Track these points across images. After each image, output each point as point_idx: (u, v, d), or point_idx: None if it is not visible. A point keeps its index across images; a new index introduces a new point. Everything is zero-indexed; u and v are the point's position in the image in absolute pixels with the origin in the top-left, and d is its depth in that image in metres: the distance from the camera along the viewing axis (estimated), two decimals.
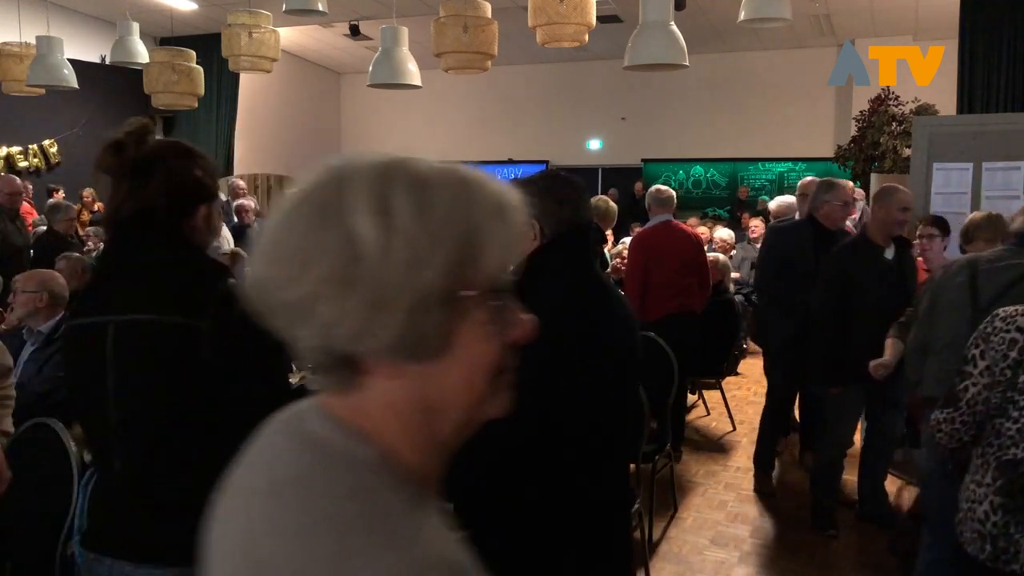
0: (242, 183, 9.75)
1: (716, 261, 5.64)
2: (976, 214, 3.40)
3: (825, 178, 4.30)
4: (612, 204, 5.18)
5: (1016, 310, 2.00)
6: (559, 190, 1.79)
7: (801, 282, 3.94)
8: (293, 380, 3.73)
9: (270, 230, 0.68)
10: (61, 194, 8.94)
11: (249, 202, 8.08)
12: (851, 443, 3.90)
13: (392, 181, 0.67)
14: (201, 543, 0.73)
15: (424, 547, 0.62)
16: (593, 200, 4.90)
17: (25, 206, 6.99)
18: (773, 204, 5.60)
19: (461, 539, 0.70)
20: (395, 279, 0.64)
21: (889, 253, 3.71)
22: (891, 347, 3.34)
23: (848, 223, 4.61)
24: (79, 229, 6.78)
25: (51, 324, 3.37)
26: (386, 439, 0.68)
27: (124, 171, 1.56)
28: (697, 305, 4.74)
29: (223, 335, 1.50)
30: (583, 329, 1.68)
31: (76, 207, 6.60)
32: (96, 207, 9.00)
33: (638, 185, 12.31)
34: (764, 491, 4.37)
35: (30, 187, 7.82)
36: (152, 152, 1.57)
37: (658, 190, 4.82)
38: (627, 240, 6.52)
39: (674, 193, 4.91)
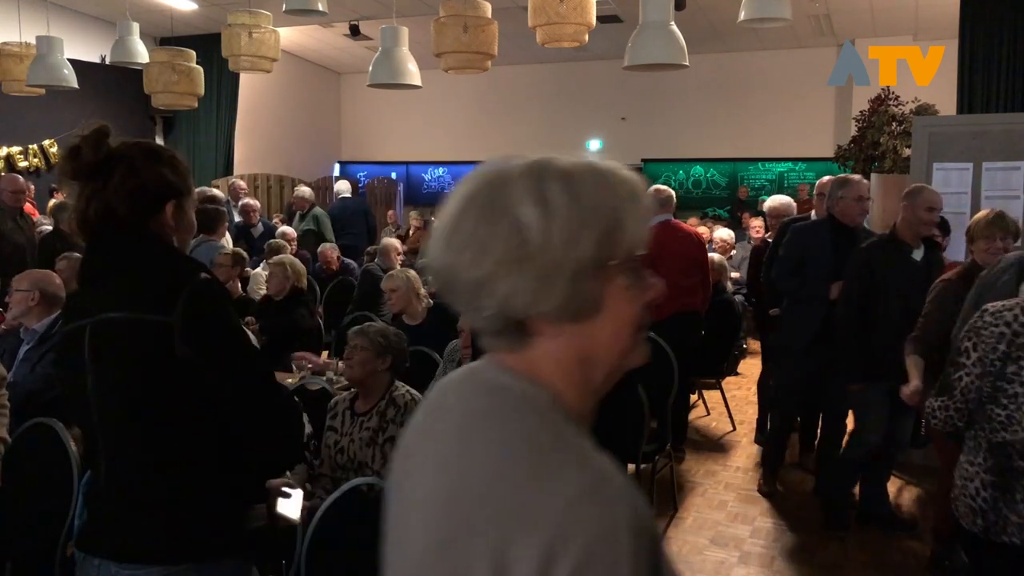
0: (243, 183, 9.74)
1: (712, 261, 5.66)
2: (979, 214, 3.34)
3: (840, 175, 4.29)
4: None
5: (1003, 305, 2.21)
6: None
7: (822, 278, 3.94)
8: (292, 380, 3.73)
9: (446, 225, 0.83)
10: (63, 193, 8.94)
11: (255, 202, 8.08)
12: (878, 444, 3.78)
13: (544, 177, 0.82)
14: (386, 498, 0.89)
15: (600, 463, 0.76)
16: None
17: (28, 206, 6.99)
18: (769, 203, 5.55)
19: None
20: (557, 256, 0.79)
21: (918, 254, 3.66)
22: (914, 367, 3.17)
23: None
24: None
25: (45, 323, 3.38)
26: (553, 385, 0.83)
27: (84, 175, 1.57)
28: (699, 304, 4.75)
29: (193, 330, 1.50)
30: None
31: None
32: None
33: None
34: (769, 491, 4.36)
35: (32, 187, 7.81)
36: (110, 154, 1.58)
37: (658, 190, 4.81)
38: None
39: (673, 193, 4.91)
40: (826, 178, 4.73)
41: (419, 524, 0.81)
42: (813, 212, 4.85)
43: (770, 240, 4.99)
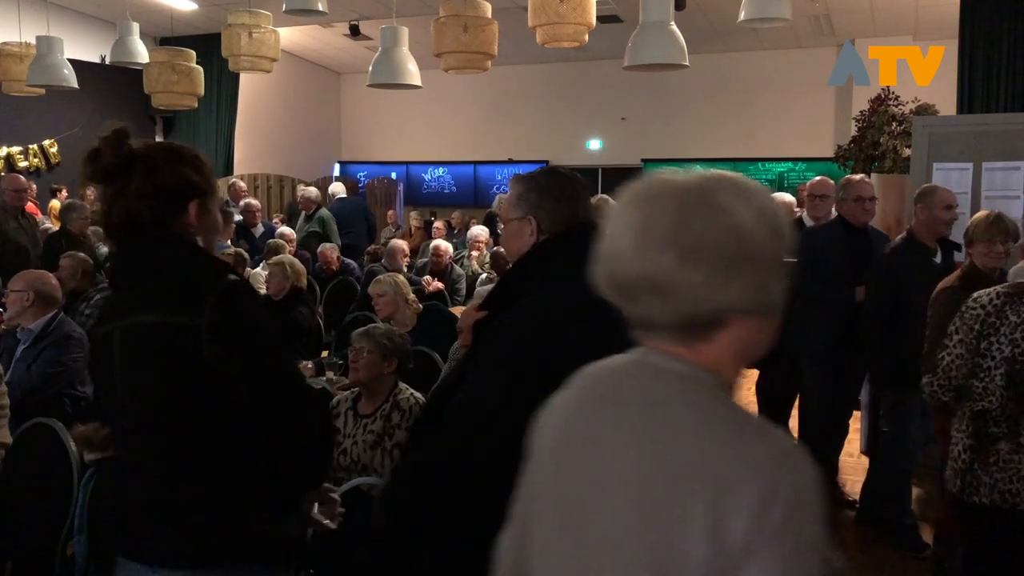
0: (242, 184, 9.73)
1: None
2: (978, 215, 3.28)
3: (844, 177, 4.28)
4: (612, 202, 5.09)
5: (984, 292, 2.50)
6: (558, 187, 1.74)
7: (838, 280, 3.91)
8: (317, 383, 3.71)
9: (634, 229, 0.92)
10: (64, 194, 8.94)
11: (256, 202, 8.07)
12: (919, 453, 3.71)
13: (737, 185, 0.93)
14: (558, 493, 0.97)
15: (778, 433, 0.89)
16: (595, 198, 4.88)
17: (30, 205, 6.99)
18: None
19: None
20: (770, 256, 0.90)
21: (938, 256, 3.61)
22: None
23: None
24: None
25: (40, 323, 3.40)
26: (719, 372, 0.94)
27: (104, 177, 1.56)
28: None
29: (222, 333, 1.48)
30: (564, 344, 1.58)
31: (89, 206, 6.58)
32: (94, 208, 8.99)
33: None
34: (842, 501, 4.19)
35: (34, 187, 7.81)
36: (130, 155, 1.56)
37: None
38: None
39: None
40: (817, 179, 4.74)
41: (623, 497, 0.90)
42: (805, 213, 4.80)
43: None
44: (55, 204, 8.67)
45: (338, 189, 9.03)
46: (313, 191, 8.42)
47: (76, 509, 2.37)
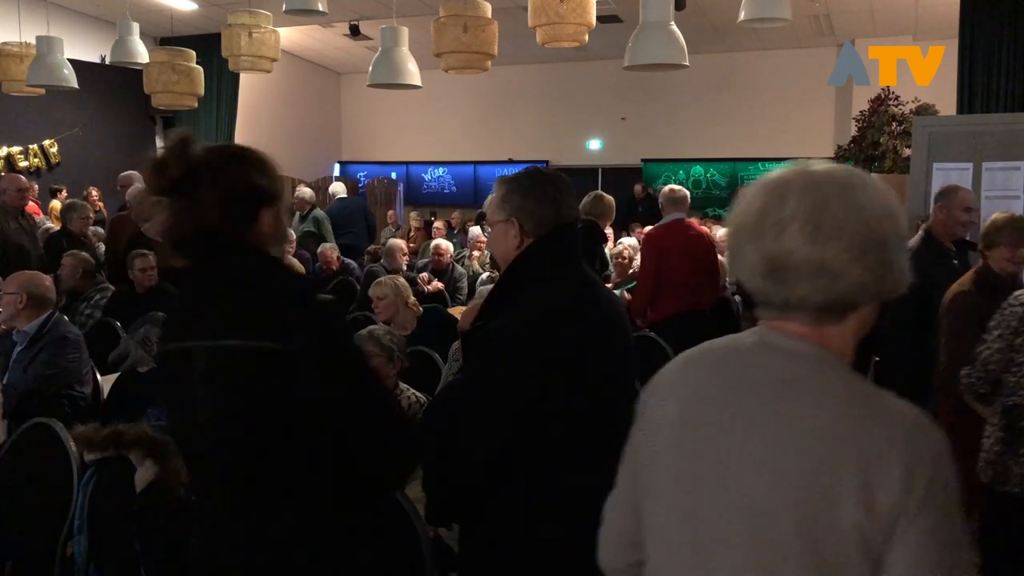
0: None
1: None
2: (997, 216, 3.12)
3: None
4: (607, 198, 4.94)
5: None
6: (541, 188, 1.72)
7: None
8: None
9: (804, 219, 0.97)
10: (64, 194, 8.94)
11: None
12: None
13: (863, 180, 1.01)
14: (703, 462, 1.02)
15: (905, 403, 0.96)
16: (590, 196, 4.87)
17: (31, 205, 6.99)
18: None
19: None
20: (901, 244, 1.00)
21: (956, 258, 3.54)
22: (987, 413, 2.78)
23: None
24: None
25: (35, 324, 3.38)
26: (842, 351, 1.02)
27: (172, 190, 1.45)
28: (706, 304, 4.77)
29: (322, 360, 1.41)
30: (557, 346, 1.61)
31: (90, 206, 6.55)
32: (99, 207, 8.99)
33: (637, 187, 12.32)
34: None
35: (35, 187, 7.80)
36: (197, 163, 1.45)
37: (671, 190, 4.82)
38: (626, 240, 6.51)
39: (688, 193, 4.92)
40: None
41: (767, 469, 0.96)
42: None
43: None
44: (56, 204, 8.67)
45: (338, 189, 9.03)
46: (307, 192, 8.42)
47: (76, 509, 2.37)
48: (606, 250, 5.23)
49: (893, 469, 0.90)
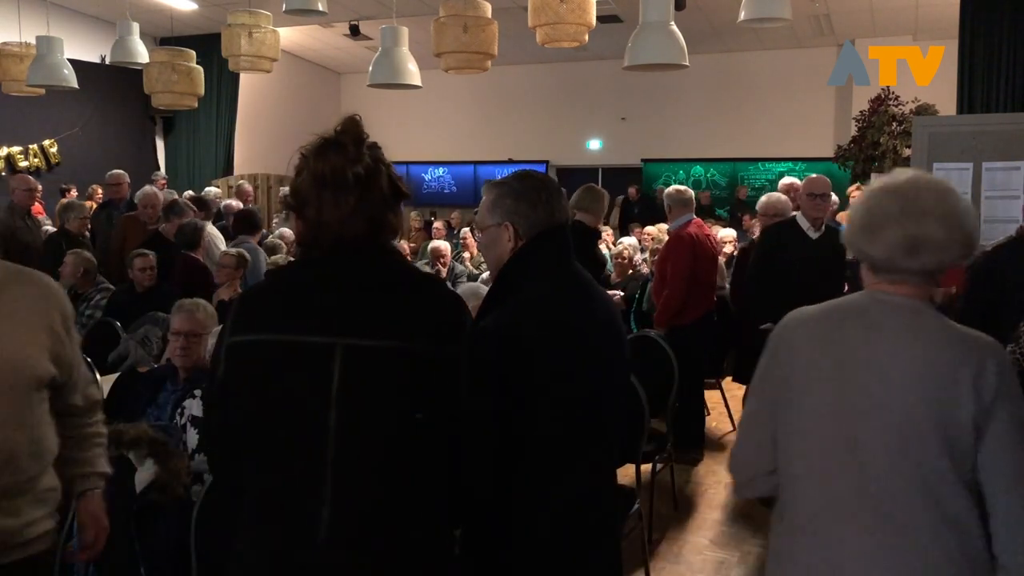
0: (248, 187, 9.60)
1: None
2: None
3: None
4: (598, 190, 4.56)
5: None
6: (534, 192, 1.73)
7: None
8: None
9: (943, 215, 1.43)
10: (74, 193, 8.93)
11: (235, 203, 7.94)
12: None
13: (948, 188, 1.50)
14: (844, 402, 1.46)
15: (972, 329, 1.46)
16: (580, 189, 4.76)
17: (36, 206, 6.99)
18: (762, 201, 5.29)
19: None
20: (976, 230, 1.46)
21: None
22: None
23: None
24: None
25: None
26: (931, 301, 1.49)
27: (349, 181, 1.35)
28: (714, 305, 4.91)
29: (478, 366, 1.39)
30: (549, 345, 1.63)
31: (89, 205, 6.50)
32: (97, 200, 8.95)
33: (632, 189, 12.27)
34: None
35: (40, 187, 7.73)
36: (375, 160, 1.40)
37: (678, 191, 4.83)
38: (626, 240, 6.51)
39: (693, 194, 4.94)
40: (814, 176, 4.66)
41: (907, 377, 1.40)
42: (799, 215, 4.69)
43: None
44: (61, 204, 8.63)
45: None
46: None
47: (75, 510, 2.36)
48: (603, 249, 5.15)
49: (990, 373, 1.38)
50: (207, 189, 8.95)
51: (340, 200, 1.35)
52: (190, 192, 8.47)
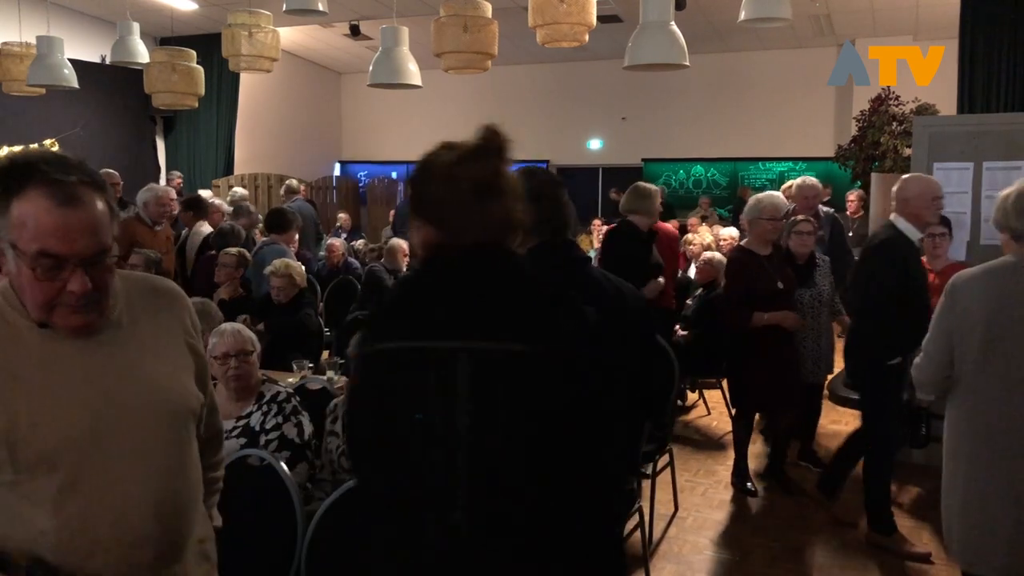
0: (244, 191, 9.44)
1: (712, 259, 5.75)
2: None
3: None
4: (644, 188, 4.67)
5: None
6: (540, 187, 1.78)
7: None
8: (293, 379, 3.71)
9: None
10: None
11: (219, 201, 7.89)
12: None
13: None
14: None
15: None
16: (628, 192, 4.75)
17: None
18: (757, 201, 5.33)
19: None
20: None
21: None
22: None
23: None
24: None
25: None
26: None
27: (496, 188, 1.43)
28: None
29: (604, 369, 1.39)
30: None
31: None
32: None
33: (612, 192, 11.85)
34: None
35: None
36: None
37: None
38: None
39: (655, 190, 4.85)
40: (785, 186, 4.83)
41: None
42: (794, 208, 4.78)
43: None
44: None
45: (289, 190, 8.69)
46: (293, 182, 8.48)
47: None
48: (654, 250, 4.72)
49: None
50: (202, 192, 8.90)
51: (486, 207, 1.39)
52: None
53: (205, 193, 9.10)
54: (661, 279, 4.72)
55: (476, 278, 1.39)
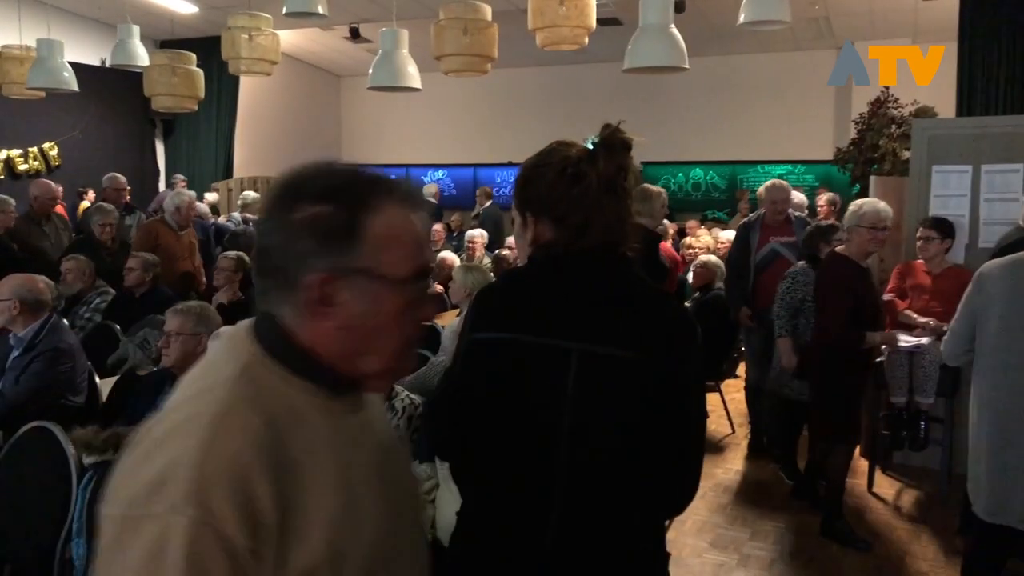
0: (255, 194, 9.36)
1: (708, 262, 5.75)
2: None
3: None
4: (649, 190, 4.52)
5: None
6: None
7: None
8: None
9: None
10: (92, 195, 8.88)
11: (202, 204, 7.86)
12: None
13: None
14: None
15: None
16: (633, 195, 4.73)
17: (59, 207, 6.98)
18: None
19: None
20: None
21: None
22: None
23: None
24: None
25: (30, 331, 3.30)
26: None
27: (620, 187, 1.42)
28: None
29: (695, 380, 1.41)
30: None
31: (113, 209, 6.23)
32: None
33: None
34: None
35: (60, 189, 7.61)
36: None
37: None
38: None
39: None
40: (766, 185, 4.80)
41: None
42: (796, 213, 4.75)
43: None
44: (85, 206, 8.54)
45: (249, 198, 8.62)
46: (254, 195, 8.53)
47: (75, 512, 2.36)
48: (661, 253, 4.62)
49: None
50: (206, 195, 8.89)
51: (608, 206, 1.38)
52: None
53: (211, 196, 9.08)
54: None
55: (594, 280, 1.39)
